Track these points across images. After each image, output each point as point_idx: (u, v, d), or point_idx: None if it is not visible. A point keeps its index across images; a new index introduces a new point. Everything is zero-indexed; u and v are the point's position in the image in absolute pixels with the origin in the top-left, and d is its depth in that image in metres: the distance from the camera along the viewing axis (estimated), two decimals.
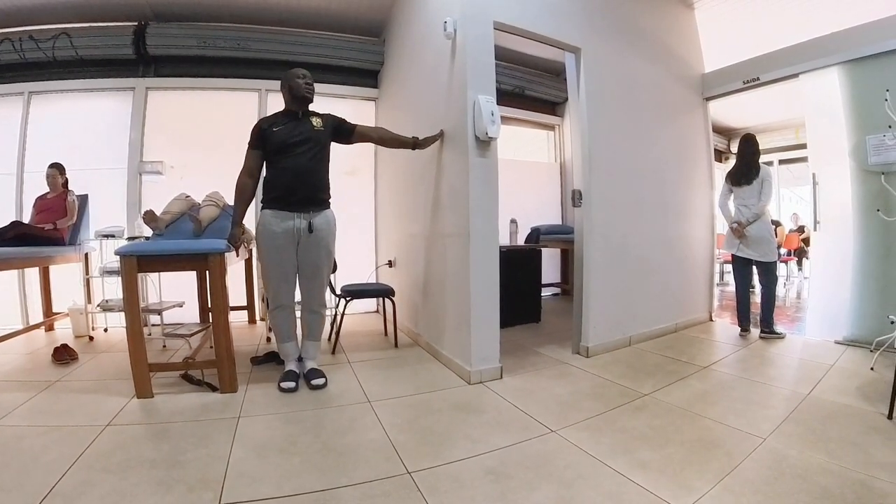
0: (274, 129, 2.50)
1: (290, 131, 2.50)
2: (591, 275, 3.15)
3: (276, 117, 2.61)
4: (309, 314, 2.67)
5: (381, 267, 4.51)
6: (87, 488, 1.47)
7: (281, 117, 2.59)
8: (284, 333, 2.65)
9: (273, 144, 2.48)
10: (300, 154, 2.49)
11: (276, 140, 2.48)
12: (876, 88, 3.12)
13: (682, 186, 3.94)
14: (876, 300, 3.19)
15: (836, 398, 2.26)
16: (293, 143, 2.48)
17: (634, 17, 3.57)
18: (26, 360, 3.09)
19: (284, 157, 2.48)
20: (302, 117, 2.58)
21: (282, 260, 2.51)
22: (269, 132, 2.50)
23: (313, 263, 2.56)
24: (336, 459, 1.70)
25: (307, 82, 2.57)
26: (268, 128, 2.52)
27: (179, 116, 4.43)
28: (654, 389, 2.45)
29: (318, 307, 2.67)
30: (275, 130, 2.50)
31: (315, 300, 2.65)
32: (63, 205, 3.62)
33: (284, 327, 2.64)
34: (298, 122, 2.56)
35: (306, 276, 2.59)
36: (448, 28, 2.70)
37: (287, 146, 2.47)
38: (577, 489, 1.50)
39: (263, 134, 2.51)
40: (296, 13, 4.36)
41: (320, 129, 2.59)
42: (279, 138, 2.48)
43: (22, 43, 4.08)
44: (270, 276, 2.57)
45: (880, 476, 1.52)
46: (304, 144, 2.50)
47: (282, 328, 2.64)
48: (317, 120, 2.61)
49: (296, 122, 2.55)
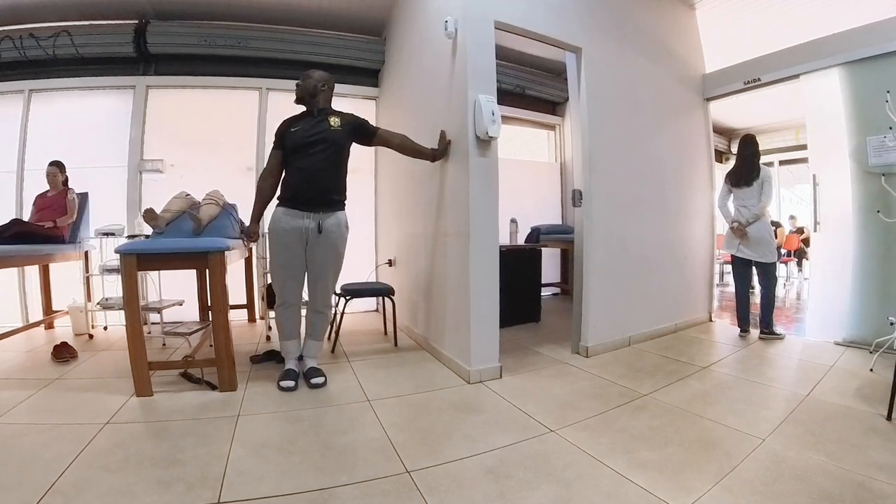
0: (292, 130, 2.54)
1: (306, 132, 2.52)
2: (591, 275, 3.15)
3: (297, 118, 2.63)
4: (313, 314, 2.68)
5: (381, 266, 4.52)
6: (87, 486, 1.47)
7: (300, 118, 2.61)
8: (287, 331, 2.65)
9: (290, 144, 2.51)
10: (313, 154, 2.49)
11: (292, 140, 2.51)
12: (876, 90, 3.11)
13: (683, 186, 3.94)
14: (875, 301, 3.19)
15: (836, 399, 2.26)
16: (308, 143, 2.50)
17: (635, 17, 3.57)
18: (26, 357, 3.09)
19: (299, 157, 2.50)
20: (318, 115, 2.58)
21: (289, 257, 2.52)
22: (288, 133, 2.54)
23: (320, 264, 2.56)
24: (335, 458, 1.70)
25: (297, 83, 2.62)
26: (287, 128, 2.56)
27: (180, 115, 4.43)
28: (654, 390, 2.45)
29: (322, 307, 2.68)
30: (293, 131, 2.53)
31: (320, 300, 2.66)
32: (63, 203, 3.62)
33: (287, 325, 2.65)
34: (315, 121, 2.56)
35: (313, 276, 2.60)
36: (449, 27, 2.70)
37: (302, 146, 2.49)
38: (576, 489, 1.50)
39: (284, 134, 2.55)
40: (297, 12, 4.36)
41: (337, 128, 2.57)
42: (295, 139, 2.51)
43: (22, 41, 4.08)
44: (277, 273, 2.59)
45: (879, 477, 1.52)
46: (318, 145, 2.50)
47: (285, 325, 2.65)
48: (335, 119, 2.60)
49: (312, 122, 2.56)
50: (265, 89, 4.54)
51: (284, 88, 4.29)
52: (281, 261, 2.54)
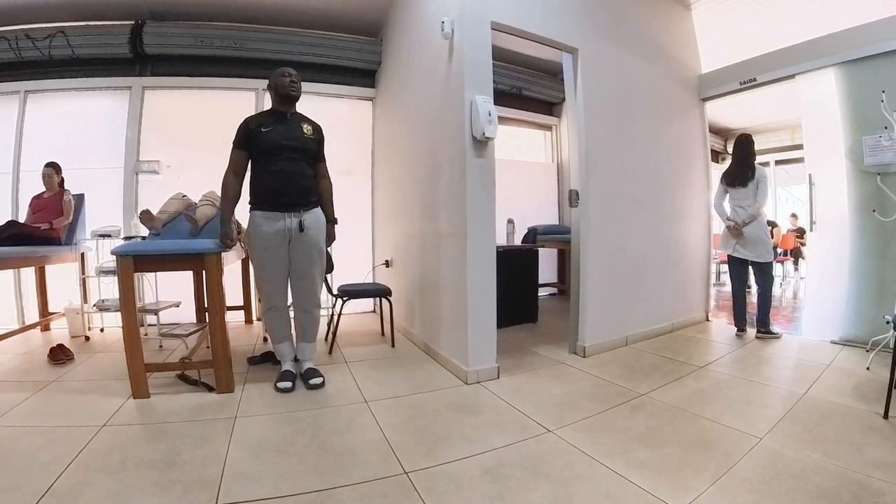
0: (263, 130, 2.45)
1: (282, 134, 2.47)
2: (588, 275, 3.15)
3: (262, 117, 2.57)
4: (302, 314, 2.63)
5: (378, 267, 4.51)
6: (84, 489, 1.47)
7: (269, 118, 2.54)
8: (278, 334, 2.63)
9: (262, 145, 2.44)
10: (293, 159, 2.47)
11: (265, 141, 2.44)
12: (872, 89, 3.13)
13: (679, 186, 3.95)
14: (872, 300, 3.20)
15: (833, 398, 2.27)
16: (285, 146, 2.45)
17: (632, 17, 3.58)
18: (22, 360, 3.08)
19: (274, 159, 2.44)
20: (290, 119, 2.55)
21: (274, 260, 2.50)
22: (258, 132, 2.45)
23: (305, 262, 2.53)
24: (333, 460, 1.70)
25: (292, 80, 2.53)
26: (256, 128, 2.46)
27: (176, 116, 4.42)
28: (651, 389, 2.46)
29: (311, 307, 2.63)
30: (264, 131, 2.45)
31: (308, 300, 2.62)
32: (59, 204, 3.60)
33: (278, 328, 2.63)
34: (287, 124, 2.52)
35: (297, 275, 2.56)
36: (446, 28, 2.70)
37: (278, 149, 2.44)
38: (574, 489, 1.50)
39: (251, 134, 2.45)
40: (293, 12, 4.35)
41: (310, 137, 2.57)
42: (269, 140, 2.44)
43: (18, 42, 4.06)
44: (264, 278, 2.56)
45: (876, 475, 1.53)
46: (296, 150, 2.48)
47: (275, 329, 2.63)
48: (307, 128, 2.58)
49: (286, 125, 2.51)
50: (261, 90, 4.52)
51: None
52: (266, 265, 2.52)
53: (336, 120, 4.47)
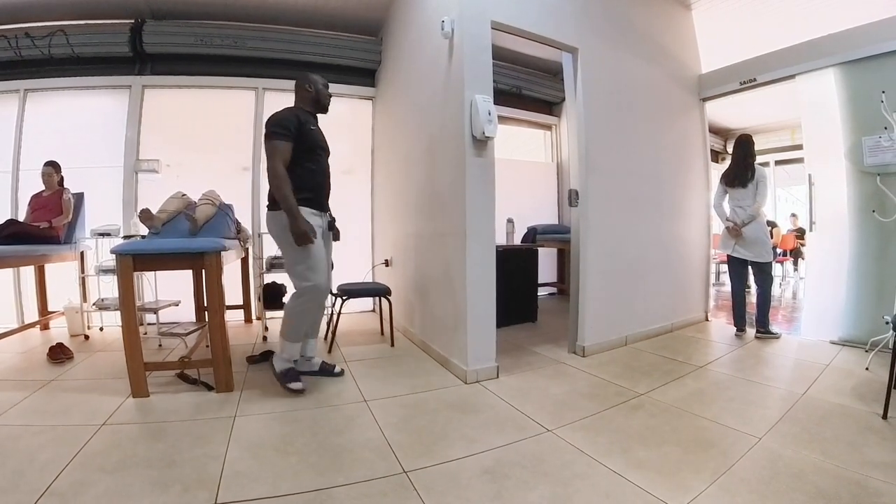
0: (311, 128, 2.47)
1: (320, 135, 2.55)
2: (588, 274, 3.16)
3: (306, 115, 2.51)
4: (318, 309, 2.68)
5: (378, 266, 4.51)
6: (83, 488, 1.47)
7: (309, 116, 2.53)
8: (307, 328, 2.57)
9: (308, 142, 2.43)
10: (326, 159, 2.58)
11: (312, 139, 2.45)
12: (872, 90, 3.13)
13: (679, 186, 3.95)
14: (871, 300, 3.20)
15: (832, 398, 2.28)
16: (323, 147, 2.55)
17: (632, 17, 3.58)
18: (21, 359, 3.08)
19: (316, 157, 2.50)
20: (315, 123, 2.58)
21: (321, 251, 2.46)
22: (307, 129, 2.43)
23: (329, 260, 2.66)
24: (332, 459, 1.70)
25: (330, 95, 2.65)
26: (305, 123, 2.42)
27: (176, 115, 4.42)
28: (651, 389, 2.46)
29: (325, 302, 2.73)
30: (311, 129, 2.47)
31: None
32: (59, 203, 3.60)
33: (311, 321, 2.58)
34: (319, 128, 2.59)
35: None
36: (446, 27, 2.70)
37: (320, 148, 2.52)
38: (573, 488, 1.50)
39: (302, 128, 2.40)
40: (293, 11, 4.35)
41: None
42: (315, 138, 2.48)
43: (18, 40, 4.05)
44: (319, 267, 2.43)
45: (875, 475, 1.53)
46: (327, 154, 2.59)
47: (307, 322, 2.53)
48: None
49: (318, 128, 2.58)
50: (261, 89, 4.53)
51: (281, 88, 4.29)
52: (321, 254, 2.45)
53: (336, 119, 4.46)
